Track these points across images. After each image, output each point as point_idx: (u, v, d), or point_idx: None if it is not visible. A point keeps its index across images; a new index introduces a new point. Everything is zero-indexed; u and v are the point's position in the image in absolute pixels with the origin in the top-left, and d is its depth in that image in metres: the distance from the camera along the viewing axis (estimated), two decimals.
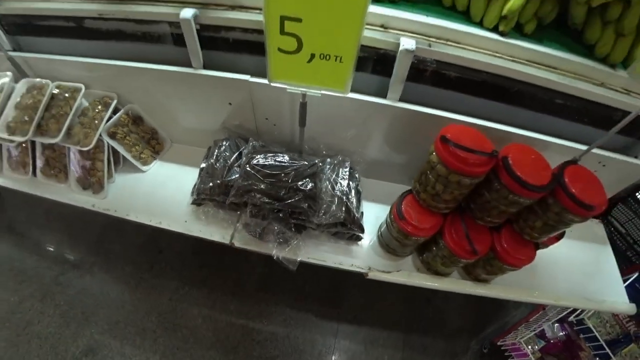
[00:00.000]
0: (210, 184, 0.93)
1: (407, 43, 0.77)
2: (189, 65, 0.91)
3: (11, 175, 1.13)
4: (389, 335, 1.56)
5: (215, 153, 0.98)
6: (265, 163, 0.90)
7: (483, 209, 0.79)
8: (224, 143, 1.00)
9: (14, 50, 1.03)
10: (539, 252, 0.86)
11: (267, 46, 0.66)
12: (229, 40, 0.87)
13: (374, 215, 1.03)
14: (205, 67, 0.91)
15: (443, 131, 0.72)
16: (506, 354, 1.42)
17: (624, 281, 1.06)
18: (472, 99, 0.87)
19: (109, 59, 0.97)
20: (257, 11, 0.83)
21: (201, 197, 0.96)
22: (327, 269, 0.97)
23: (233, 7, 0.83)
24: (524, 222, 0.80)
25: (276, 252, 0.93)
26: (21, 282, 1.65)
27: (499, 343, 1.44)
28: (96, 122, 1.00)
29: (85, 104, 1.04)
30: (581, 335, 1.29)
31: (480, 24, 0.83)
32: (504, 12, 0.78)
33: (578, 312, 1.23)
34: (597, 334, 1.18)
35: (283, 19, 0.60)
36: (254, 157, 0.92)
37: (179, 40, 0.88)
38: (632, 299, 1.02)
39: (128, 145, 1.07)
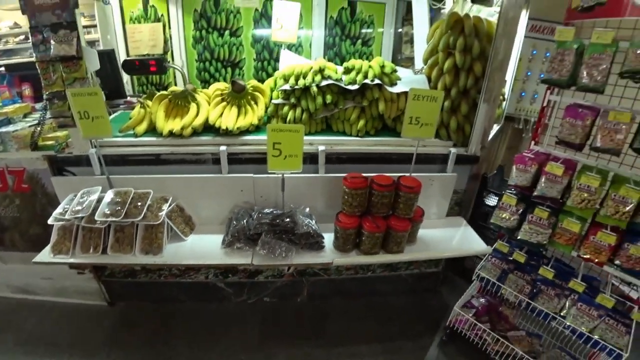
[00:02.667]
0: (238, 227, 1.85)
1: (321, 147, 1.99)
2: (219, 173, 1.98)
3: (81, 255, 1.85)
4: (370, 348, 2.22)
5: (236, 216, 1.94)
6: (267, 212, 1.90)
7: (374, 206, 1.85)
8: (239, 212, 1.98)
9: (102, 174, 1.97)
10: (429, 233, 1.88)
11: (268, 154, 1.78)
12: (241, 158, 1.99)
13: (329, 238, 2.00)
14: (229, 172, 1.99)
15: (345, 176, 1.86)
16: (455, 328, 2.19)
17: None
18: (354, 166, 2.07)
19: (169, 174, 1.99)
20: (252, 146, 2.00)
21: (232, 237, 1.85)
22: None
23: (243, 145, 2.00)
24: (396, 209, 1.88)
25: (280, 262, 1.81)
26: None
27: (447, 324, 2.23)
28: (160, 209, 1.92)
29: (150, 202, 1.97)
30: (495, 292, 2.19)
31: (350, 135, 2.12)
32: (357, 129, 2.08)
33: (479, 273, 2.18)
34: (488, 277, 2.09)
35: (274, 143, 1.76)
36: (261, 211, 1.91)
37: (215, 161, 1.97)
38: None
39: (177, 224, 1.96)
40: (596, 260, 1.60)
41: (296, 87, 2.01)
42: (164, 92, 2.06)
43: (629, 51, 1.33)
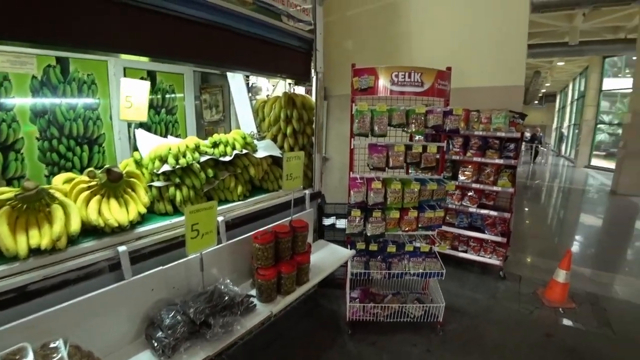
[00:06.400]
0: (173, 328, 1.82)
1: (220, 217, 2.27)
2: (122, 279, 1.83)
3: None
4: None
5: (159, 320, 1.86)
6: (196, 297, 1.97)
7: (282, 252, 2.37)
8: (159, 314, 1.90)
9: None
10: (313, 258, 2.54)
11: (186, 238, 1.90)
12: (144, 254, 1.93)
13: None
14: (132, 275, 1.87)
15: (255, 234, 2.26)
16: (352, 319, 2.97)
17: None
18: (245, 227, 2.49)
19: (39, 311, 1.61)
20: (149, 238, 1.98)
21: (176, 340, 1.79)
22: None
23: (139, 239, 1.94)
24: (296, 247, 2.47)
25: (236, 335, 1.95)
26: None
27: (347, 320, 2.99)
28: None
29: None
30: (363, 281, 3.15)
31: (233, 201, 2.51)
32: (238, 194, 2.50)
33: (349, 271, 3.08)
34: (359, 270, 3.04)
35: (192, 225, 1.91)
36: (190, 300, 1.95)
37: (113, 267, 1.81)
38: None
39: None
40: (411, 229, 2.89)
41: (177, 166, 2.19)
42: None
43: (394, 114, 2.65)
